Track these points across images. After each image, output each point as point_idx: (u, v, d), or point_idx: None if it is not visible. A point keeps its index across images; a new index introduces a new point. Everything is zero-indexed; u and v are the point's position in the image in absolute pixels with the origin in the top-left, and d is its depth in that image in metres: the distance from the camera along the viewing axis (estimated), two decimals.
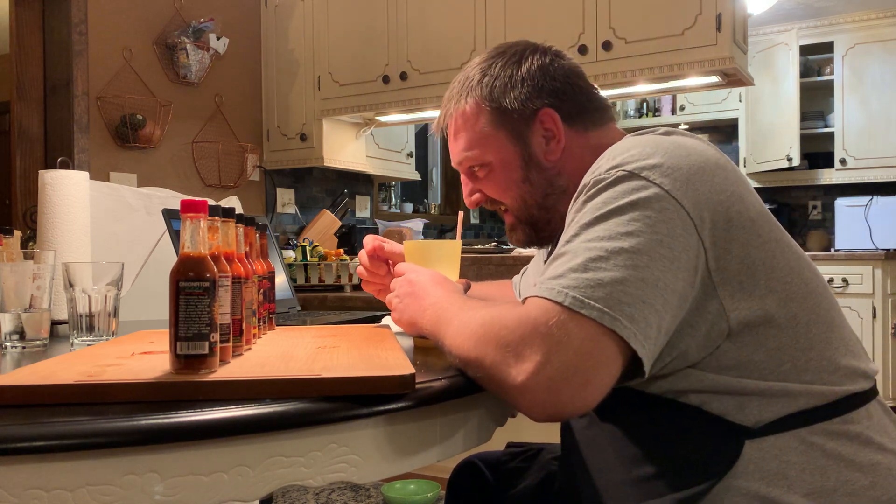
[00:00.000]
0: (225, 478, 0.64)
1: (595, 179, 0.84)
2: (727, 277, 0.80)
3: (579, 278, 0.76)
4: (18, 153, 3.00)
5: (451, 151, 1.13)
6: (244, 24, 3.63)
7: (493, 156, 1.06)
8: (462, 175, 1.13)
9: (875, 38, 4.67)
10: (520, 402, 0.74)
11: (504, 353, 0.75)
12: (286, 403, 0.65)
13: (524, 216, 1.09)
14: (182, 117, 3.32)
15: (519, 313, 0.77)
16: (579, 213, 0.83)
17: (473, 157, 1.08)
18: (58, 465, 0.60)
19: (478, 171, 1.09)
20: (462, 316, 0.85)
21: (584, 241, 0.79)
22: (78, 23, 2.96)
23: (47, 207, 1.27)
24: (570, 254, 0.79)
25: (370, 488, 2.86)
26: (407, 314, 0.99)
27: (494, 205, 1.12)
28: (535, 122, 1.05)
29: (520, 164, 1.06)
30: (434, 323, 0.90)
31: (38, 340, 1.06)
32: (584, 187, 0.86)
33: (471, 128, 1.08)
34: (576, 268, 0.77)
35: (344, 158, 3.67)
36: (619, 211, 0.79)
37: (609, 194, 0.81)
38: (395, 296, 1.02)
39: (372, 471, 0.71)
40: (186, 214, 0.73)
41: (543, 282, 0.78)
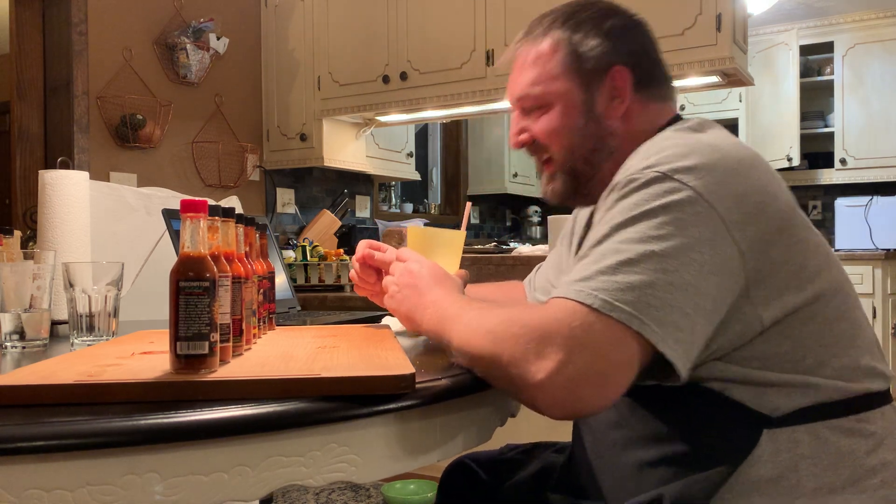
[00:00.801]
0: (225, 477, 0.64)
1: (628, 178, 0.84)
2: (761, 278, 0.81)
3: (609, 281, 0.76)
4: (18, 153, 3.00)
5: (511, 85, 1.10)
6: (244, 24, 3.63)
7: (556, 97, 1.04)
8: (514, 112, 1.10)
9: (875, 38, 4.67)
10: (538, 399, 0.75)
11: (524, 350, 0.74)
12: (286, 403, 0.65)
13: (568, 166, 1.06)
14: (182, 117, 3.32)
15: (542, 313, 0.77)
16: (610, 212, 0.83)
17: (536, 95, 1.05)
18: (58, 465, 0.60)
19: (535, 109, 1.06)
20: (470, 314, 0.85)
21: (615, 243, 0.79)
22: (78, 23, 2.96)
23: (47, 207, 1.27)
24: (599, 255, 0.79)
25: (370, 488, 2.86)
26: (405, 307, 0.99)
27: (538, 151, 1.08)
28: (607, 77, 1.03)
29: (580, 113, 1.03)
30: (437, 320, 0.90)
31: (38, 340, 1.06)
32: (616, 185, 0.86)
33: (542, 65, 1.05)
34: (605, 270, 0.77)
35: (344, 158, 3.67)
36: (650, 214, 0.79)
37: (641, 195, 0.81)
38: (395, 283, 1.02)
39: (372, 471, 0.71)
40: (186, 214, 0.73)
41: (570, 283, 0.78)
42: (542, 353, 0.74)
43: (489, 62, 3.05)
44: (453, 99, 3.17)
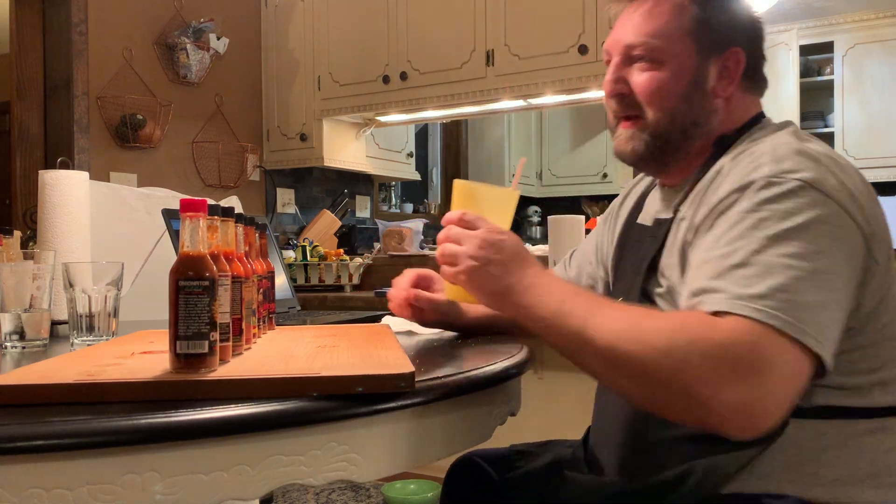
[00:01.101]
0: (225, 477, 0.64)
1: (768, 180, 0.82)
2: (866, 293, 0.84)
3: (789, 301, 0.74)
4: (18, 153, 3.00)
5: (623, 28, 1.03)
6: (244, 24, 3.63)
7: (671, 57, 1.00)
8: (615, 58, 1.04)
9: (875, 38, 4.66)
10: (726, 423, 0.73)
11: (714, 371, 0.72)
12: (286, 402, 0.65)
13: (662, 131, 1.01)
14: (182, 117, 3.32)
15: (726, 329, 0.74)
16: (754, 215, 0.81)
17: (652, 47, 1.00)
18: (58, 465, 0.60)
19: (642, 62, 1.01)
20: (615, 313, 0.81)
21: (781, 258, 0.77)
22: (78, 23, 2.96)
23: (47, 207, 1.27)
24: (765, 267, 0.77)
25: (370, 488, 2.86)
26: (493, 286, 0.88)
27: (629, 105, 1.03)
28: (724, 55, 1.00)
29: (690, 81, 1.00)
30: (555, 309, 0.83)
31: (38, 340, 1.06)
32: (750, 183, 0.83)
33: (666, 18, 1.00)
34: (780, 288, 0.75)
35: (344, 158, 3.67)
36: (808, 228, 0.78)
37: (793, 204, 0.80)
38: (472, 257, 0.89)
39: (372, 470, 0.71)
40: (186, 213, 0.73)
41: (743, 297, 0.75)
42: (734, 376, 0.72)
43: (489, 62, 3.05)
44: (453, 99, 3.17)
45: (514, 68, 2.99)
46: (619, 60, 1.04)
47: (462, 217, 0.92)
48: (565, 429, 1.14)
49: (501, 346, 1.02)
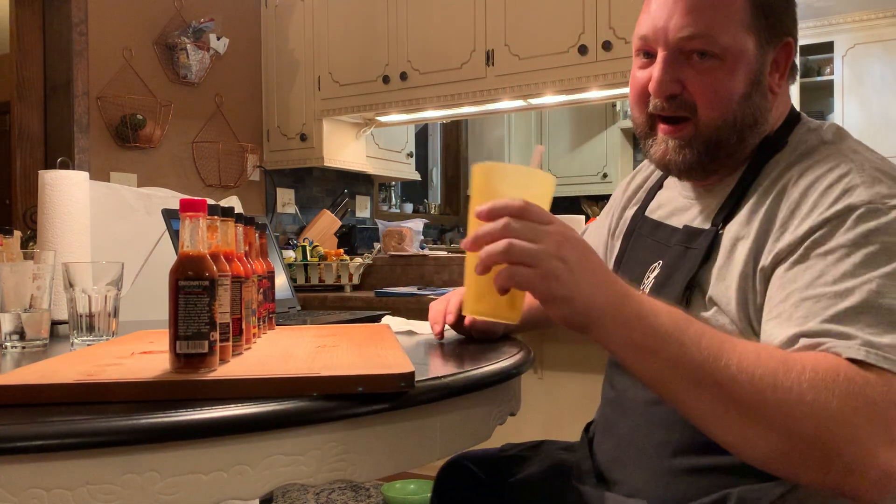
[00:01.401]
0: (225, 476, 0.64)
1: (868, 208, 0.76)
2: None
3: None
4: (18, 153, 3.00)
5: (672, 14, 0.90)
6: (244, 24, 3.63)
7: (735, 52, 0.88)
8: (662, 51, 0.91)
9: (875, 38, 4.66)
10: (871, 486, 0.66)
11: (871, 435, 0.65)
12: (286, 402, 0.65)
13: (719, 137, 0.90)
14: (182, 117, 3.32)
15: (879, 386, 0.67)
16: (861, 249, 0.74)
17: (714, 41, 0.88)
18: (58, 465, 0.60)
19: (704, 58, 0.89)
20: (750, 348, 0.71)
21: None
22: (78, 23, 2.96)
23: (47, 207, 1.27)
24: (889, 314, 0.70)
25: (370, 488, 2.86)
26: (586, 291, 0.69)
27: (679, 108, 0.91)
28: (779, 47, 0.92)
29: (751, 78, 0.90)
30: (679, 331, 0.70)
31: (38, 340, 1.06)
32: (847, 210, 0.77)
33: (726, 8, 0.89)
34: None
35: (344, 158, 3.67)
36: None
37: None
38: (559, 257, 0.69)
39: (372, 470, 0.71)
40: (186, 213, 0.73)
41: (877, 346, 0.69)
42: (888, 438, 0.65)
43: (489, 62, 3.05)
44: (453, 99, 3.17)
45: (514, 68, 2.99)
46: (669, 55, 0.91)
47: (525, 207, 0.71)
48: (565, 429, 1.14)
49: (501, 346, 1.02)
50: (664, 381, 0.71)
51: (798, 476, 0.70)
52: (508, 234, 0.70)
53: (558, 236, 0.70)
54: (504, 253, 0.69)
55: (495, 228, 0.71)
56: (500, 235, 0.70)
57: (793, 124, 0.94)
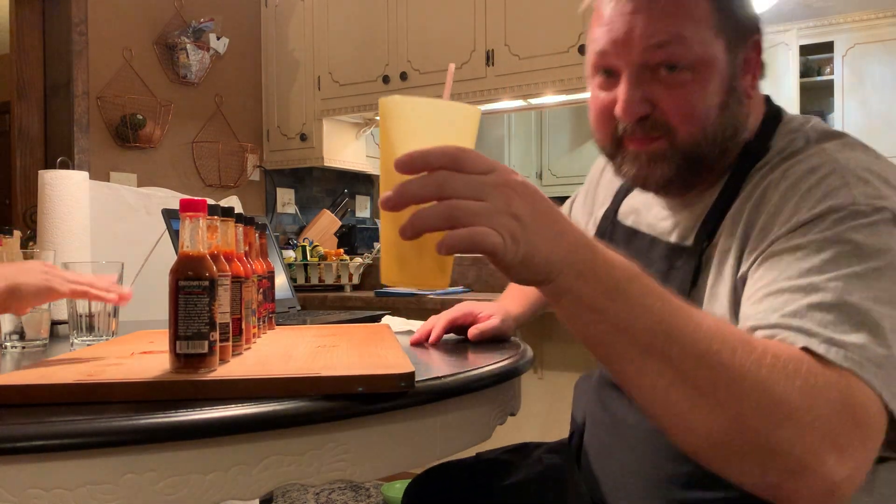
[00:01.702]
0: (225, 477, 0.64)
1: (852, 209, 0.70)
2: None
3: (891, 370, 0.62)
4: (18, 153, 3.00)
5: (632, 25, 0.80)
6: (244, 24, 3.63)
7: (706, 61, 0.80)
8: (626, 68, 0.82)
9: (875, 38, 4.66)
10: (821, 499, 0.59)
11: (829, 435, 0.58)
12: (286, 402, 0.65)
13: (699, 151, 0.82)
14: (182, 117, 3.32)
15: (847, 392, 0.59)
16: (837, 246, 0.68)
17: (684, 49, 0.80)
18: (58, 465, 0.60)
19: (673, 71, 0.80)
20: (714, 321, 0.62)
21: (874, 304, 0.64)
22: (78, 23, 2.96)
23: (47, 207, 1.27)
24: (858, 314, 0.63)
25: (370, 488, 2.86)
26: (544, 247, 0.59)
27: (651, 129, 0.82)
28: (747, 46, 0.84)
29: (725, 87, 0.82)
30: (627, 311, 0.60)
31: (38, 340, 1.06)
32: (829, 211, 0.70)
33: (688, 10, 0.80)
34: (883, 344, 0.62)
35: (344, 158, 3.67)
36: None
37: (885, 240, 0.68)
38: (514, 215, 0.58)
39: (372, 470, 0.71)
40: (186, 213, 0.73)
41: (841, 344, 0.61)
42: (844, 449, 0.58)
43: (489, 62, 3.05)
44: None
45: (514, 68, 2.99)
46: (634, 71, 0.81)
47: (461, 155, 0.58)
48: (565, 429, 1.14)
49: (501, 346, 1.02)
50: (606, 345, 0.61)
51: (734, 471, 0.61)
52: (446, 192, 0.57)
53: (505, 188, 0.58)
54: (448, 218, 0.57)
55: (428, 185, 0.58)
56: (434, 193, 0.57)
57: (773, 125, 0.87)
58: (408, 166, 0.58)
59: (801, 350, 0.61)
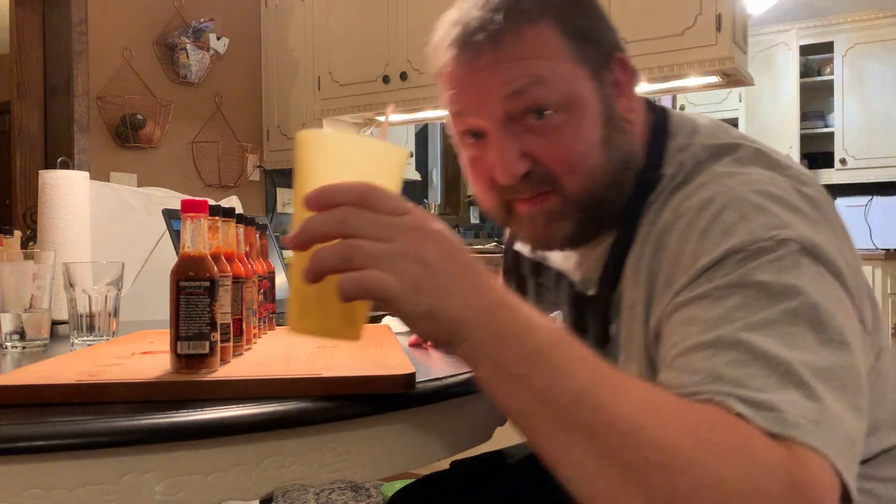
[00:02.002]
0: (225, 477, 0.63)
1: (753, 249, 0.62)
2: None
3: (843, 429, 0.55)
4: (18, 153, 3.00)
5: (489, 79, 0.73)
6: (244, 24, 3.63)
7: (574, 97, 0.73)
8: (488, 123, 0.74)
9: (875, 38, 4.66)
10: None
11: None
12: (286, 403, 0.65)
13: (585, 197, 0.75)
14: (182, 117, 3.32)
15: (784, 471, 0.51)
16: (742, 291, 0.61)
17: (547, 89, 0.72)
18: (58, 465, 0.59)
19: (541, 117, 0.72)
20: (643, 389, 0.55)
21: (800, 358, 0.56)
22: (78, 23, 2.96)
23: (47, 207, 1.27)
24: (778, 367, 0.56)
25: (370, 488, 2.86)
26: (453, 301, 0.54)
27: (538, 184, 0.75)
28: (612, 67, 0.77)
29: (601, 118, 0.75)
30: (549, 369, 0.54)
31: (38, 340, 1.06)
32: (729, 254, 0.63)
33: (545, 47, 0.73)
34: (837, 411, 0.55)
35: None
36: (819, 314, 0.59)
37: (793, 280, 0.60)
38: (418, 258, 0.53)
39: (372, 470, 0.71)
40: (187, 214, 0.73)
41: (811, 420, 0.54)
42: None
43: None
44: None
45: None
46: (500, 127, 0.73)
47: (370, 192, 0.54)
48: None
49: None
50: (527, 416, 0.55)
51: None
52: (349, 230, 0.53)
53: (416, 231, 0.54)
54: (344, 259, 0.53)
55: (330, 222, 0.53)
56: (337, 232, 0.53)
57: (661, 143, 0.78)
58: (315, 202, 0.54)
59: (736, 416, 0.53)
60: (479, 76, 0.73)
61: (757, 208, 0.65)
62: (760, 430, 0.53)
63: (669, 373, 0.61)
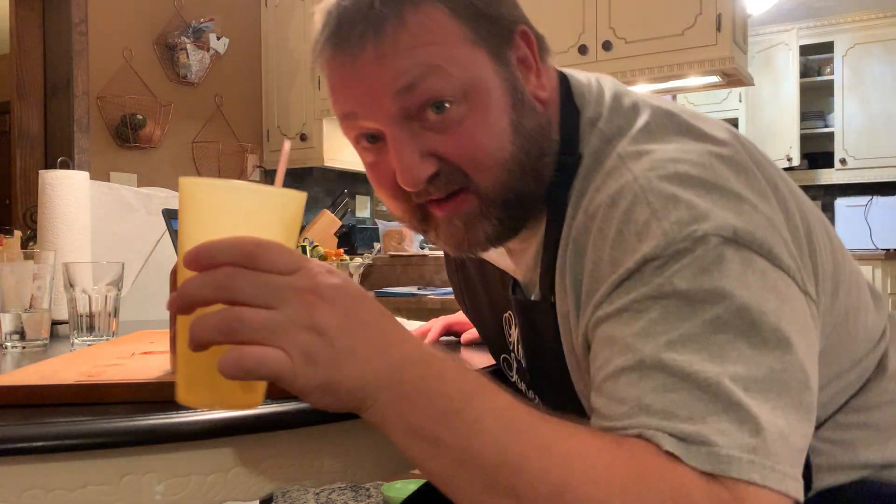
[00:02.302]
0: (225, 478, 0.63)
1: (668, 252, 0.56)
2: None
3: (769, 447, 0.51)
4: (18, 153, 3.00)
5: (376, 74, 0.64)
6: (244, 24, 3.63)
7: (472, 85, 0.65)
8: (386, 126, 0.66)
9: (875, 38, 4.67)
10: None
11: None
12: (286, 403, 0.65)
13: (502, 192, 0.67)
14: (182, 117, 3.32)
15: (713, 495, 0.49)
16: (656, 309, 0.56)
17: (442, 83, 0.64)
18: (58, 465, 0.59)
19: (439, 111, 0.64)
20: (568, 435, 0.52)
21: (731, 372, 0.53)
22: (78, 23, 2.96)
23: (47, 207, 1.27)
24: (707, 390, 0.52)
25: (370, 488, 2.86)
26: (351, 369, 0.49)
27: (448, 184, 0.67)
28: (513, 43, 0.69)
29: (509, 103, 0.67)
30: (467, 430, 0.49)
31: (38, 340, 1.06)
32: (644, 263, 0.57)
33: (436, 39, 0.64)
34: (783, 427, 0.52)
35: (344, 158, 3.67)
36: (744, 315, 0.54)
37: (719, 282, 0.55)
38: (312, 326, 0.48)
39: (372, 470, 0.71)
40: None
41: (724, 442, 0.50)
42: None
43: None
44: None
45: None
46: (396, 127, 0.65)
47: (255, 250, 0.48)
48: None
49: None
50: (451, 480, 0.51)
51: None
52: (231, 295, 0.47)
53: (308, 293, 0.48)
54: (225, 332, 0.46)
55: (210, 286, 0.47)
56: (217, 297, 0.47)
57: (574, 119, 0.70)
58: (194, 262, 0.48)
59: (667, 455, 0.50)
60: (365, 72, 0.64)
61: (669, 200, 0.58)
62: (694, 472, 0.50)
63: (598, 398, 0.57)
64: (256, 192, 0.51)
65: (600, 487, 0.48)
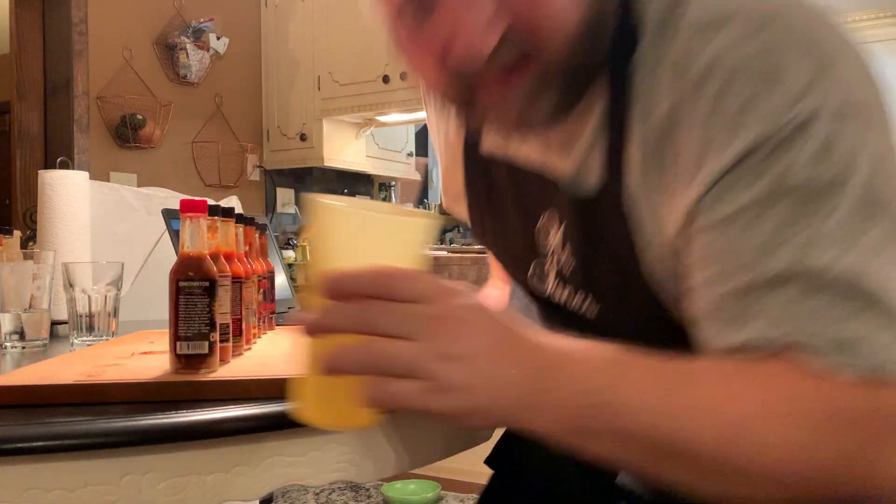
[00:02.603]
0: (225, 477, 0.63)
1: (779, 138, 0.51)
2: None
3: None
4: (18, 153, 3.00)
5: None
6: (244, 24, 3.63)
7: None
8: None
9: (875, 38, 4.67)
10: None
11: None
12: (287, 403, 0.65)
13: (568, 58, 0.57)
14: (182, 117, 3.32)
15: (873, 400, 0.48)
16: (795, 192, 0.50)
17: None
18: (57, 465, 0.59)
19: None
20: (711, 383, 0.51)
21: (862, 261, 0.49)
22: (78, 23, 2.96)
23: (47, 207, 1.27)
24: (847, 291, 0.49)
25: (370, 488, 2.86)
26: (494, 391, 0.49)
27: (512, 50, 0.56)
28: None
29: None
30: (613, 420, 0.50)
31: (38, 340, 1.06)
32: (761, 143, 0.51)
33: None
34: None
35: (344, 158, 3.67)
36: (870, 188, 0.51)
37: (825, 170, 0.50)
38: (438, 356, 0.48)
39: (372, 471, 0.71)
40: (186, 214, 0.73)
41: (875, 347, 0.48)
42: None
43: None
44: None
45: None
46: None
47: (390, 282, 0.49)
48: None
49: None
50: (622, 459, 0.52)
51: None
52: (369, 328, 0.49)
53: (443, 321, 0.49)
54: (366, 367, 0.49)
55: (350, 319, 0.49)
56: (356, 329, 0.49)
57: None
58: (332, 291, 0.50)
59: (817, 368, 0.49)
60: None
61: (770, 72, 0.52)
62: (847, 384, 0.48)
63: (716, 318, 0.53)
64: (395, 223, 0.54)
65: (773, 431, 0.48)
